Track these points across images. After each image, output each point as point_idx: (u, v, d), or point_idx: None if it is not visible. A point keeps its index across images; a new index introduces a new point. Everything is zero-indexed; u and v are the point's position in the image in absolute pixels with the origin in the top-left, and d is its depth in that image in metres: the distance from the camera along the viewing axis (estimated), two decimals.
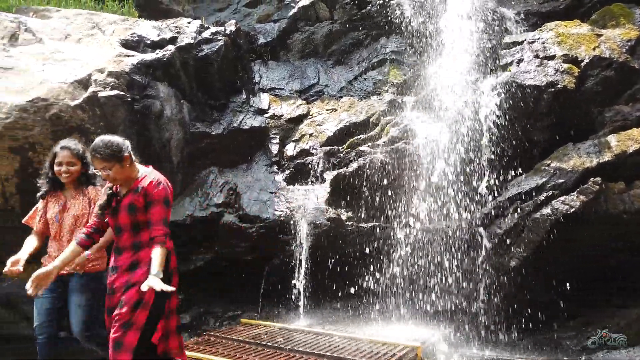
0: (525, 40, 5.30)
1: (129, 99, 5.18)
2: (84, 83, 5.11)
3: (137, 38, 5.65)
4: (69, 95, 5.03)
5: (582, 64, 4.90)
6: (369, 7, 6.15)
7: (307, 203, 5.05)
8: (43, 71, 5.13)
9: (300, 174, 5.45)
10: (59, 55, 5.33)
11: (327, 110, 5.87)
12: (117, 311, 2.74)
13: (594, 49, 4.97)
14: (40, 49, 5.41)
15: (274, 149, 5.64)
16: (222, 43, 5.68)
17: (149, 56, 5.45)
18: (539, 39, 5.20)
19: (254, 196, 5.25)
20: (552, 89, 4.80)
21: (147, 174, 2.97)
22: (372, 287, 4.85)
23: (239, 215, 5.12)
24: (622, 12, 5.23)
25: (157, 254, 2.71)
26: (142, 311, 2.73)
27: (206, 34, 5.72)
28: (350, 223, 4.96)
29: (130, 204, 2.87)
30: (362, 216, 5.03)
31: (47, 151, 5.01)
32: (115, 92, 5.11)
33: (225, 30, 5.87)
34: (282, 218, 5.03)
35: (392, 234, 4.92)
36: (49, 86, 5.01)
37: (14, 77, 5.06)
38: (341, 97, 6.00)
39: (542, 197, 4.54)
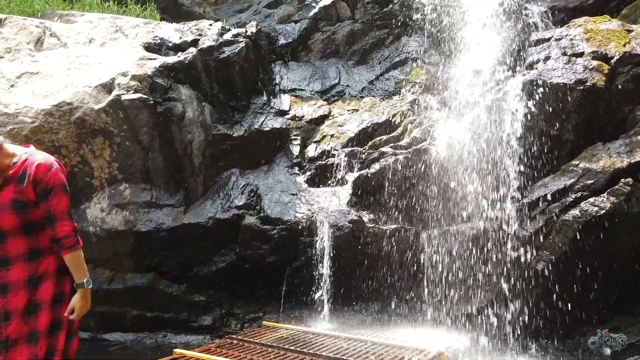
0: (552, 37, 5.15)
1: (152, 102, 5.24)
2: (107, 87, 5.18)
3: (159, 41, 5.70)
4: (93, 99, 5.10)
5: (612, 61, 4.73)
6: (390, 6, 6.07)
7: (328, 205, 5.02)
8: (68, 75, 5.22)
9: (321, 175, 5.42)
10: (84, 59, 5.42)
11: (348, 110, 5.82)
12: (21, 343, 2.18)
13: (624, 45, 4.80)
14: (65, 53, 5.50)
15: (295, 150, 5.62)
16: (243, 45, 5.69)
17: (171, 59, 5.49)
18: (566, 35, 5.06)
19: (275, 198, 5.24)
20: (581, 87, 4.65)
21: (29, 156, 2.34)
22: (395, 290, 4.79)
23: (261, 217, 5.12)
24: None
25: (75, 260, 2.25)
26: (60, 336, 2.25)
27: (227, 36, 5.73)
28: (372, 225, 4.90)
29: (13, 200, 2.24)
30: (385, 218, 4.98)
31: (73, 154, 5.13)
32: (138, 95, 5.17)
33: (246, 32, 5.88)
34: (303, 220, 5.00)
35: (415, 236, 4.85)
36: (74, 90, 5.09)
37: (39, 82, 5.17)
38: (362, 97, 5.94)
39: (570, 199, 4.40)
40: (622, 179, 4.24)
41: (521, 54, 5.19)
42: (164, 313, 5.15)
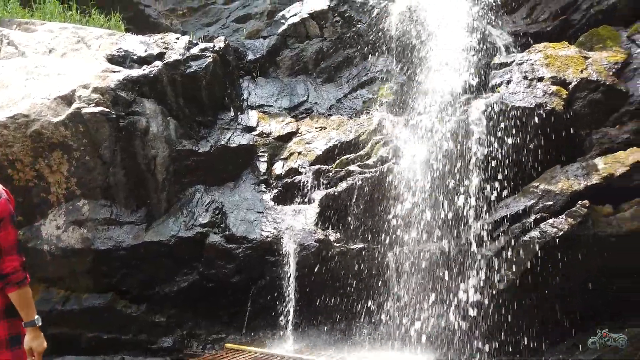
0: (514, 61, 5.31)
1: (114, 116, 5.09)
2: (67, 99, 5.01)
3: (123, 53, 5.57)
4: (52, 112, 4.92)
5: (570, 86, 4.91)
6: (359, 26, 6.14)
7: (295, 224, 4.98)
8: (25, 86, 5.03)
9: (288, 193, 5.37)
10: (43, 70, 5.23)
11: (316, 128, 5.82)
12: None
13: (581, 71, 4.99)
14: (23, 63, 5.30)
15: (262, 167, 5.56)
16: (211, 60, 5.62)
17: (136, 72, 5.36)
18: (527, 60, 5.22)
19: (241, 216, 5.16)
20: (541, 111, 4.81)
21: None
22: (362, 310, 4.77)
23: (225, 236, 5.02)
24: (609, 35, 5.28)
25: (23, 297, 2.11)
26: None
27: (195, 50, 5.65)
28: (339, 244, 4.88)
29: None
30: (351, 237, 4.97)
31: (28, 169, 4.92)
32: (100, 108, 5.02)
33: (214, 46, 5.82)
34: (269, 239, 4.94)
35: (381, 255, 4.85)
36: (31, 102, 4.90)
37: None
38: (331, 115, 5.96)
39: (530, 220, 4.51)
40: (580, 201, 4.37)
41: (484, 76, 5.32)
42: (122, 335, 4.95)
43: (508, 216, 4.60)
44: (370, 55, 6.11)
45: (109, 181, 5.18)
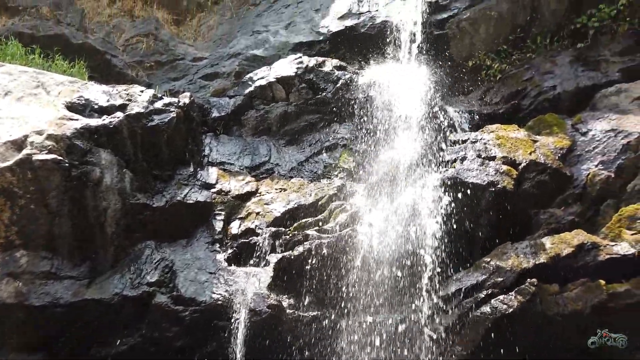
0: (468, 139, 5.59)
1: (67, 164, 4.91)
2: (18, 144, 4.82)
3: (84, 101, 5.46)
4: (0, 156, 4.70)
5: (520, 167, 5.19)
6: (324, 94, 6.34)
7: (247, 287, 4.84)
8: None
9: (243, 254, 5.25)
10: None
11: (276, 189, 5.81)
12: None
13: (530, 153, 5.30)
14: None
15: (218, 225, 5.45)
16: (174, 115, 5.59)
17: (95, 121, 5.25)
18: (481, 139, 5.51)
19: (192, 276, 4.97)
20: (493, 189, 5.02)
21: None
22: None
23: (173, 297, 4.80)
24: (555, 122, 5.68)
25: None
26: None
27: (158, 105, 5.62)
28: (291, 311, 4.76)
29: None
30: (305, 304, 4.86)
31: None
32: (52, 156, 4.84)
33: (178, 102, 5.81)
34: (219, 302, 4.76)
35: (334, 324, 4.76)
36: None
37: None
38: (291, 177, 5.98)
39: (482, 295, 4.59)
40: (529, 279, 4.51)
41: (440, 152, 5.55)
42: None
43: (461, 290, 4.67)
44: (333, 122, 6.27)
45: (53, 232, 4.91)
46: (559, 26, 6.49)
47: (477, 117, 6.24)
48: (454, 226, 4.94)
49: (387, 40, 6.94)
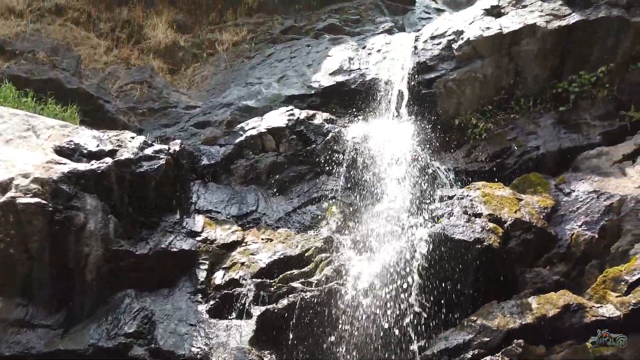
0: (455, 195, 5.65)
1: (51, 209, 4.84)
2: (3, 187, 4.77)
3: (73, 146, 5.47)
4: None
5: (506, 225, 5.23)
6: (313, 145, 6.43)
7: (229, 341, 4.69)
8: None
9: (226, 305, 5.11)
10: None
11: (262, 239, 5.76)
12: None
13: (515, 212, 5.36)
14: None
15: (201, 275, 5.34)
16: (164, 162, 5.61)
17: (83, 166, 5.24)
18: (467, 196, 5.58)
19: (171, 327, 4.81)
20: (479, 246, 5.03)
21: None
22: None
23: (151, 349, 4.62)
24: (539, 182, 5.80)
25: None
26: None
27: (148, 151, 5.64)
28: None
29: None
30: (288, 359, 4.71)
31: None
32: (36, 199, 4.78)
33: (169, 149, 5.84)
34: (198, 356, 4.59)
35: None
36: None
37: None
38: (278, 227, 5.95)
39: (468, 355, 4.51)
40: (515, 340, 4.44)
41: (428, 207, 5.59)
42: None
43: (447, 349, 4.57)
44: (322, 174, 6.32)
45: (31, 277, 4.77)
46: (542, 90, 6.76)
47: (463, 173, 6.35)
48: (441, 282, 4.91)
49: (377, 96, 7.16)
